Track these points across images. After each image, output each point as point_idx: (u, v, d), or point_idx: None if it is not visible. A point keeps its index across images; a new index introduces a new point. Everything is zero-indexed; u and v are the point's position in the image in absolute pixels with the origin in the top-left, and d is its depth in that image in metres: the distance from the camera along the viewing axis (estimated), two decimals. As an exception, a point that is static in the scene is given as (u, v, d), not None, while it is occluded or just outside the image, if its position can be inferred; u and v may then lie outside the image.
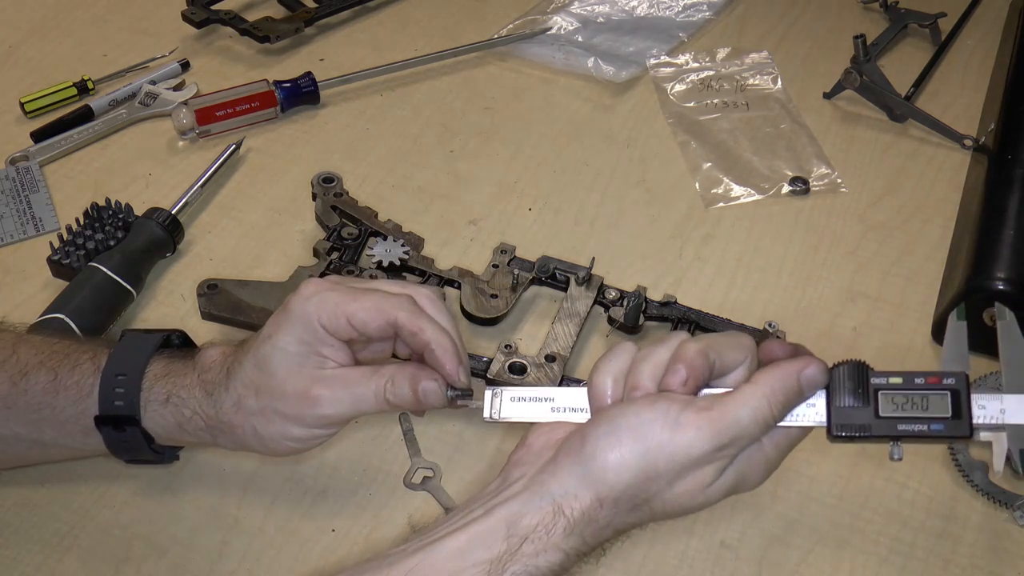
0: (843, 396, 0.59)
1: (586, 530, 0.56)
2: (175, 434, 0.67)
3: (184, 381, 0.66)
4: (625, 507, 0.56)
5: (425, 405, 0.64)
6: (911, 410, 0.59)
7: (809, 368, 0.58)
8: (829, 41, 1.19)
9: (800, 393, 0.58)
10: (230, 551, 0.72)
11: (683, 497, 0.57)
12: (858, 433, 0.59)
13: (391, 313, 0.64)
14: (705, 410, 0.56)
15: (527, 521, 0.55)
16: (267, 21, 1.16)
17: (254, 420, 0.65)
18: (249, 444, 0.66)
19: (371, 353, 0.68)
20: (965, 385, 0.59)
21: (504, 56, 1.16)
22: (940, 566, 0.72)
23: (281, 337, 0.64)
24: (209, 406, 0.65)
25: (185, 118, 1.03)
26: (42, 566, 0.70)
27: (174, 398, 0.66)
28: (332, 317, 0.63)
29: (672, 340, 0.60)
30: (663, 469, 0.55)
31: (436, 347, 0.63)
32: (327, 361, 0.64)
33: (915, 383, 0.59)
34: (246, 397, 0.64)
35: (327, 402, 0.64)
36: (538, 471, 0.57)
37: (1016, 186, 0.89)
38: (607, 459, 0.55)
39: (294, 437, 0.65)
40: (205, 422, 0.66)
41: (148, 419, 0.66)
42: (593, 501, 0.55)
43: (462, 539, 0.55)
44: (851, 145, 1.06)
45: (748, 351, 0.60)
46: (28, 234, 0.94)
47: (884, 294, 0.91)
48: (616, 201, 0.99)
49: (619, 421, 0.56)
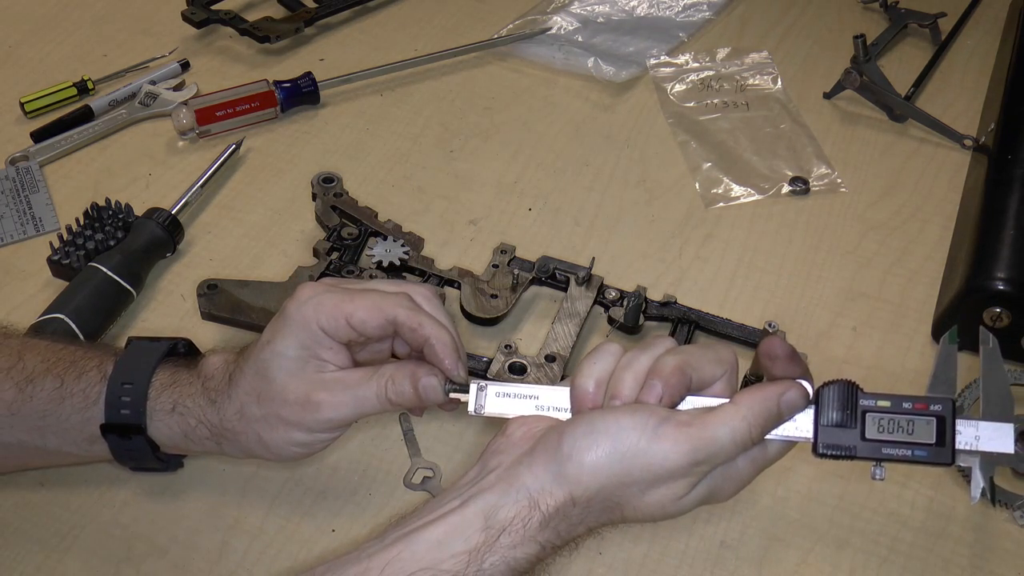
0: (831, 414, 0.61)
1: (560, 525, 0.56)
2: (181, 443, 0.67)
3: (189, 390, 0.66)
4: (597, 508, 0.57)
5: (426, 402, 0.64)
6: (897, 434, 0.60)
7: (790, 392, 0.60)
8: (829, 41, 1.19)
9: (779, 416, 0.60)
10: (230, 551, 0.72)
11: (654, 506, 0.58)
12: (843, 453, 0.61)
13: (390, 311, 0.64)
14: (685, 425, 0.57)
15: (504, 514, 0.55)
16: (267, 21, 1.16)
17: (257, 427, 0.65)
18: (254, 451, 0.66)
19: (369, 354, 0.68)
20: (951, 412, 0.61)
21: (504, 56, 1.16)
22: (940, 566, 0.72)
23: (280, 342, 0.64)
24: (213, 414, 0.65)
25: (185, 118, 1.03)
26: (42, 566, 0.70)
27: (180, 407, 0.66)
28: (331, 319, 0.63)
29: (655, 348, 0.61)
30: (637, 477, 0.56)
31: (436, 342, 0.64)
32: (327, 364, 0.64)
33: (903, 407, 0.61)
34: (248, 404, 0.64)
35: (329, 406, 0.64)
36: (514, 462, 0.58)
37: (1016, 186, 0.89)
38: (582, 461, 0.56)
39: (298, 442, 0.65)
40: (210, 431, 0.66)
41: (154, 428, 0.66)
42: (567, 499, 0.56)
43: (440, 530, 0.55)
44: (851, 145, 1.06)
45: (727, 364, 0.61)
46: (28, 234, 0.94)
47: (884, 294, 0.91)
48: (616, 201, 0.99)
49: (598, 424, 0.57)
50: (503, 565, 0.55)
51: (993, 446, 0.61)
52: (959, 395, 0.74)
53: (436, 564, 0.54)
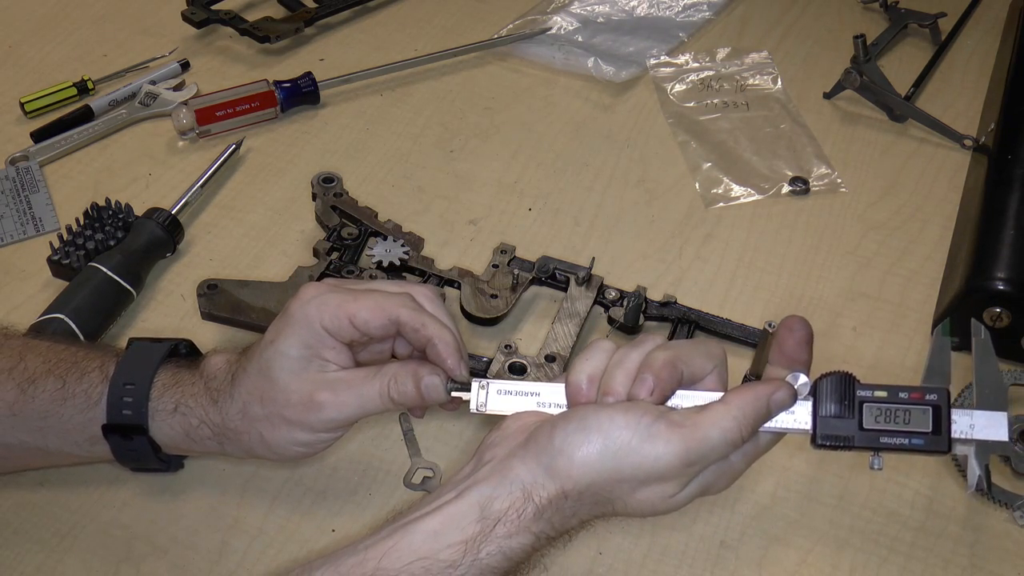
0: (828, 406, 0.61)
1: (553, 517, 0.57)
2: (182, 443, 0.67)
3: (192, 390, 0.66)
4: (588, 502, 0.58)
5: (428, 401, 0.65)
6: (894, 423, 0.61)
7: (779, 392, 0.60)
8: (829, 41, 1.19)
9: (768, 415, 0.60)
10: (230, 551, 0.72)
11: (644, 504, 0.58)
12: (841, 443, 0.61)
13: (393, 311, 0.64)
14: (677, 426, 0.57)
15: (499, 505, 0.56)
16: (267, 21, 1.16)
17: (260, 427, 0.65)
18: (256, 451, 0.66)
19: (370, 355, 0.68)
20: (946, 401, 0.61)
21: (504, 56, 1.16)
22: (940, 566, 0.72)
23: (283, 342, 0.64)
24: (215, 414, 0.65)
25: (185, 118, 1.03)
26: (42, 566, 0.70)
27: (182, 407, 0.66)
28: (334, 318, 0.63)
29: (645, 344, 0.62)
30: (627, 475, 0.57)
31: (439, 342, 0.64)
32: (329, 364, 0.64)
33: (899, 397, 0.61)
34: (251, 404, 0.64)
35: (332, 406, 0.64)
36: (508, 455, 0.58)
37: (1016, 186, 0.89)
38: (573, 456, 0.56)
39: (301, 442, 0.66)
40: (212, 430, 0.66)
41: (156, 428, 0.66)
42: (558, 492, 0.57)
43: (436, 521, 0.56)
44: (851, 145, 1.06)
45: (716, 359, 0.62)
46: (28, 234, 0.94)
47: (884, 294, 0.91)
48: (616, 201, 0.99)
49: (591, 420, 0.57)
50: (499, 555, 0.55)
51: (988, 434, 0.62)
52: (958, 396, 0.74)
53: (433, 554, 0.55)
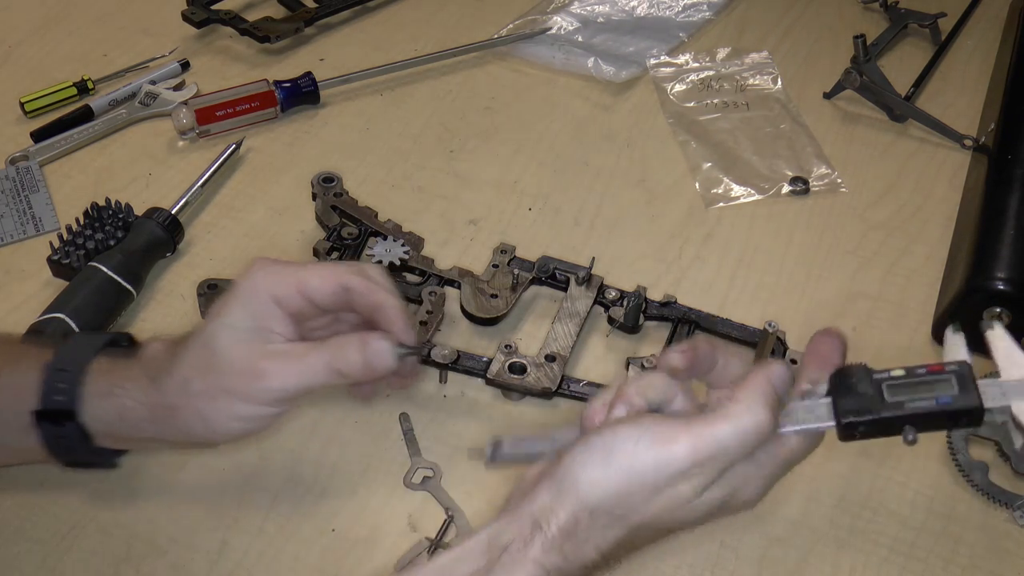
0: (847, 395, 0.59)
1: (566, 545, 0.55)
2: (116, 427, 0.65)
3: (128, 373, 0.65)
4: (602, 522, 0.55)
5: (376, 369, 0.64)
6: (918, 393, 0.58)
7: (773, 368, 0.58)
8: (829, 41, 1.19)
9: (775, 394, 0.57)
10: (230, 551, 0.72)
11: (664, 513, 0.56)
12: (867, 416, 0.58)
13: (343, 277, 0.64)
14: (684, 424, 0.55)
15: (506, 537, 0.55)
16: (267, 21, 1.16)
17: (198, 401, 0.63)
18: (193, 429, 0.64)
19: (317, 328, 0.68)
20: (969, 370, 0.59)
21: (504, 56, 1.16)
22: (940, 566, 0.72)
23: (228, 314, 0.63)
24: (153, 392, 0.64)
25: (185, 118, 1.03)
26: (42, 566, 0.70)
27: (116, 389, 0.64)
28: (283, 286, 0.63)
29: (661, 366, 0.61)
30: (636, 483, 0.55)
31: (388, 307, 0.64)
32: (275, 336, 0.64)
33: (918, 373, 0.59)
34: (191, 379, 0.63)
35: (274, 375, 0.63)
36: (521, 493, 0.57)
37: (1016, 186, 0.89)
38: (578, 475, 0.55)
39: (240, 416, 0.64)
40: (148, 411, 0.64)
41: (87, 413, 0.64)
42: (569, 516, 0.55)
43: (447, 557, 0.56)
44: (851, 145, 1.06)
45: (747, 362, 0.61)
46: (28, 234, 0.94)
47: (884, 294, 0.91)
48: (616, 201, 0.99)
49: (594, 440, 0.56)
50: None
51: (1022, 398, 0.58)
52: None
53: None
